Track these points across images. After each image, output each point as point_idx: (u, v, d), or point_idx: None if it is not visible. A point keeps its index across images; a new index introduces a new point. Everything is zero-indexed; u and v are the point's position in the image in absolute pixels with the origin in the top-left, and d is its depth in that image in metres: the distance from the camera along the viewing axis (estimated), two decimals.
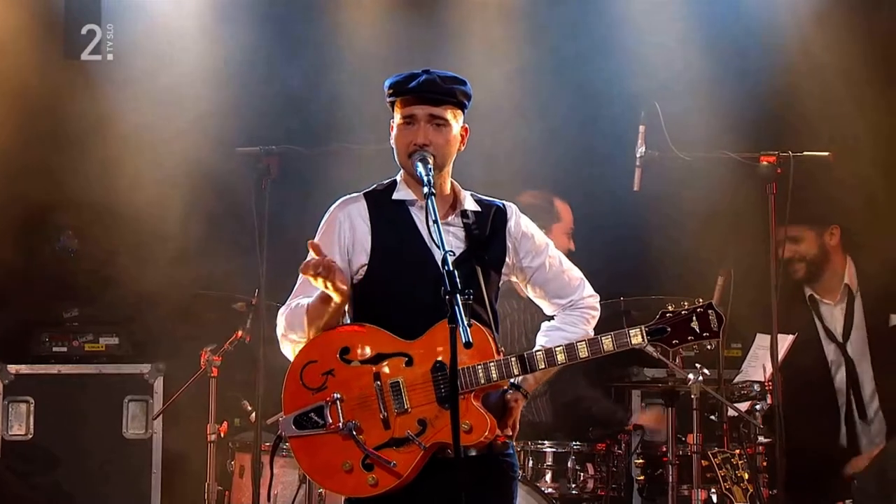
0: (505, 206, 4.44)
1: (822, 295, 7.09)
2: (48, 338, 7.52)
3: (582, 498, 6.56)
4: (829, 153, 6.32)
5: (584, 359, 4.21)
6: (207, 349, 6.58)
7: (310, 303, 4.23)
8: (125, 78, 7.62)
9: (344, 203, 4.38)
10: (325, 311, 4.19)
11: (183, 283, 7.40)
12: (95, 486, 7.30)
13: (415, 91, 4.24)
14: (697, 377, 6.10)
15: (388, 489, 4.11)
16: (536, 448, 6.54)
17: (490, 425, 4.13)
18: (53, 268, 7.66)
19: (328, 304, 4.17)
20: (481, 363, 4.13)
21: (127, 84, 7.61)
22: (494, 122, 7.19)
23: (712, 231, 7.38)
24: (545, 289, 4.46)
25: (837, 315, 7.05)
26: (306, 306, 4.24)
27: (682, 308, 4.26)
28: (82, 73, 7.71)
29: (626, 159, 6.52)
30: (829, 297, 7.07)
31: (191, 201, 7.57)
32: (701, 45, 7.56)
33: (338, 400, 4.17)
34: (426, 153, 4.20)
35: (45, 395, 7.36)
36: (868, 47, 7.49)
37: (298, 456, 4.24)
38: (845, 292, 7.04)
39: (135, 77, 7.61)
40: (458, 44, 7.70)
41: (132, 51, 7.66)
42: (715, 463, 5.97)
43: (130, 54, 7.66)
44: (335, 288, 4.11)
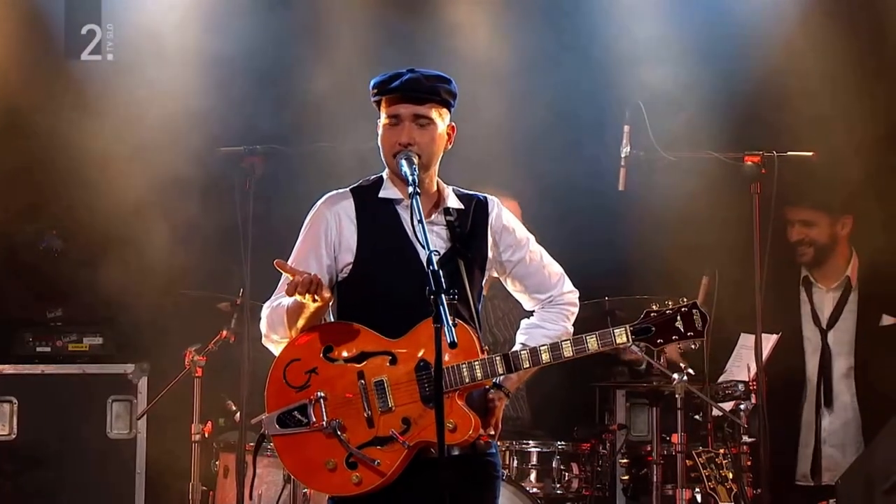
0: (486, 200, 4.45)
1: (819, 279, 7.13)
2: (32, 338, 7.50)
3: (567, 498, 6.56)
4: (812, 153, 6.33)
5: (568, 358, 4.21)
6: (192, 349, 6.56)
7: (289, 305, 4.22)
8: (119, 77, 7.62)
9: (331, 200, 4.38)
10: (304, 315, 4.19)
11: (167, 283, 7.39)
12: (79, 487, 7.27)
13: (398, 90, 4.24)
14: (682, 377, 6.11)
15: (371, 488, 4.10)
16: (521, 448, 6.54)
17: (474, 424, 4.13)
18: (37, 268, 7.63)
19: (306, 309, 4.17)
20: (465, 362, 4.13)
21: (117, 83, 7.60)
22: (476, 121, 7.19)
23: (697, 231, 7.39)
24: (525, 283, 4.47)
25: (828, 302, 7.10)
26: (286, 307, 4.23)
27: (667, 308, 4.27)
28: (74, 73, 7.71)
29: (611, 159, 6.52)
30: (825, 283, 7.11)
31: (175, 201, 7.55)
32: (686, 46, 7.56)
33: (321, 398, 4.16)
34: (411, 153, 4.20)
35: (28, 395, 7.33)
36: (851, 48, 7.51)
37: (282, 454, 4.23)
38: (844, 282, 7.08)
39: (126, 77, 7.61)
40: (442, 42, 7.70)
41: (132, 51, 7.65)
42: (699, 462, 5.98)
43: (130, 54, 7.65)
44: (321, 300, 4.11)
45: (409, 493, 4.13)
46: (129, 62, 7.66)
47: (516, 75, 7.78)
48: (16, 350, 7.48)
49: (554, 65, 7.79)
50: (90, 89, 7.61)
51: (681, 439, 6.18)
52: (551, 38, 7.74)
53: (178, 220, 7.52)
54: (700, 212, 7.41)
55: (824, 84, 7.47)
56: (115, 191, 7.56)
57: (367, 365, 4.18)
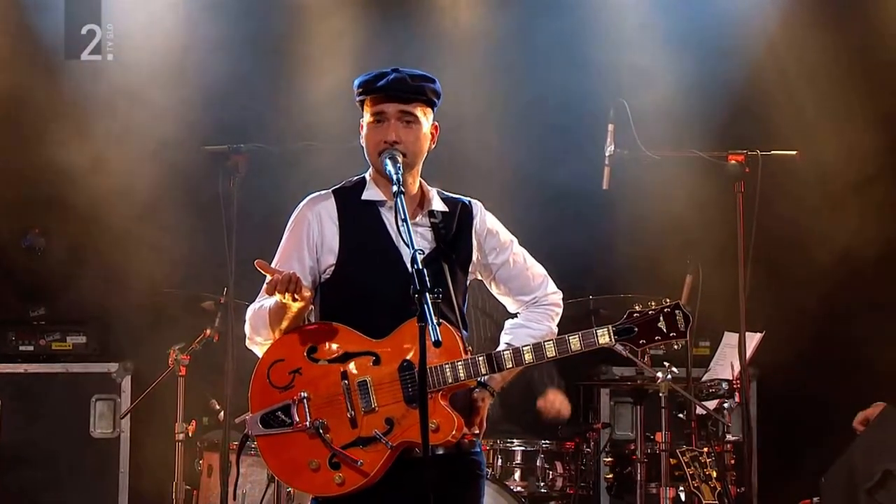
0: (470, 204, 4.44)
1: None
2: (15, 336, 7.49)
3: (551, 496, 6.57)
4: (796, 152, 6.35)
5: (551, 358, 4.20)
6: (175, 348, 6.55)
7: (271, 307, 4.22)
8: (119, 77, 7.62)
9: (312, 202, 4.36)
10: (286, 316, 4.18)
11: (151, 282, 7.38)
12: (62, 486, 7.27)
13: (384, 89, 4.22)
14: (666, 376, 6.13)
15: (354, 488, 4.09)
16: (505, 446, 6.55)
17: (457, 424, 4.12)
18: (20, 266, 7.61)
19: (287, 309, 4.16)
20: (449, 363, 4.12)
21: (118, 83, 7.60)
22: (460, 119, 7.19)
23: (681, 230, 7.41)
24: (509, 286, 4.46)
25: None
26: (268, 309, 4.23)
27: (650, 308, 4.25)
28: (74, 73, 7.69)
29: (595, 158, 6.52)
30: None
31: (159, 199, 7.55)
32: (670, 45, 7.58)
33: (305, 399, 4.15)
34: (396, 151, 4.19)
35: (11, 394, 7.32)
36: (836, 47, 7.54)
37: (265, 455, 4.22)
38: None
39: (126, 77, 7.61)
40: (426, 42, 7.70)
41: (132, 51, 7.64)
42: (683, 461, 5.99)
43: (130, 54, 7.64)
44: (301, 298, 4.11)
45: (393, 492, 4.12)
46: (129, 62, 7.64)
47: (500, 72, 7.79)
48: None
49: (538, 63, 7.80)
50: (90, 89, 7.60)
51: (665, 438, 6.19)
52: (535, 34, 7.75)
53: (162, 219, 7.52)
54: (684, 210, 7.44)
55: (808, 83, 7.50)
56: (99, 189, 7.55)
57: (350, 365, 4.17)
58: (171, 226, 7.50)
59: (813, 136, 7.30)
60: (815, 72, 7.50)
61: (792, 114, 7.43)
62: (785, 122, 7.39)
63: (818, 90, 7.48)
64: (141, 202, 7.59)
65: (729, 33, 7.64)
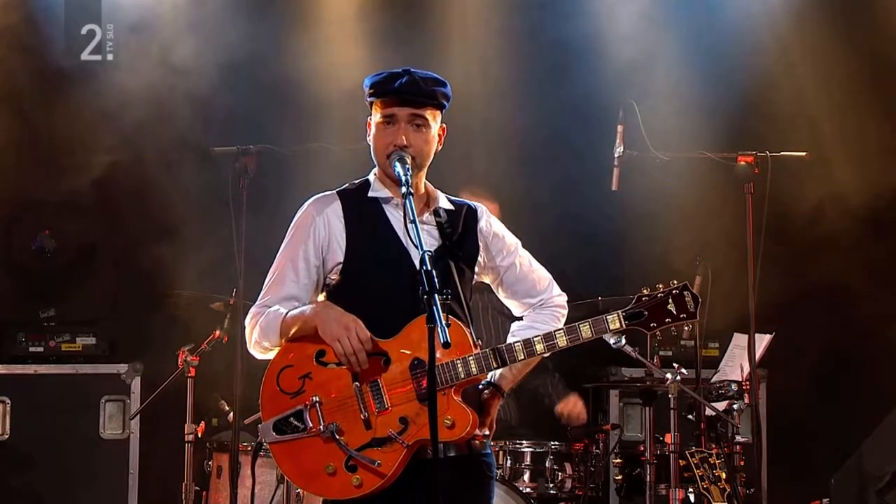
0: (475, 207, 4.44)
1: None
2: (25, 338, 7.49)
3: (560, 497, 6.56)
4: (806, 153, 6.34)
5: (562, 347, 4.17)
6: (185, 349, 6.55)
7: (289, 317, 4.19)
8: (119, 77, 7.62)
9: (318, 201, 4.35)
10: (305, 331, 4.18)
11: (160, 283, 7.38)
12: (72, 487, 7.28)
13: (397, 92, 4.22)
14: (675, 377, 6.12)
15: (373, 489, 4.07)
16: (514, 448, 6.54)
17: (472, 419, 4.10)
18: (30, 267, 7.61)
19: (313, 329, 4.16)
20: (460, 358, 4.11)
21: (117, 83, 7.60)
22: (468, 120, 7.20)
23: (690, 231, 7.41)
24: (515, 289, 4.45)
25: None
26: (283, 317, 4.20)
27: (658, 291, 4.23)
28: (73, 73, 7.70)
29: (604, 159, 6.52)
30: None
31: (168, 201, 7.55)
32: (679, 46, 7.58)
33: (317, 403, 4.13)
34: (405, 153, 4.18)
35: (21, 396, 7.33)
36: (845, 49, 7.53)
37: (280, 461, 4.20)
38: None
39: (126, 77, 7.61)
40: (435, 43, 7.70)
41: (132, 51, 7.64)
42: (692, 462, 5.98)
43: (130, 54, 7.64)
44: None
45: (405, 493, 4.11)
46: (129, 62, 7.64)
47: (509, 75, 7.79)
48: (8, 350, 7.47)
49: (548, 65, 7.80)
50: (90, 89, 7.60)
51: (674, 439, 6.17)
52: (546, 38, 7.75)
53: (170, 220, 7.52)
54: (693, 212, 7.43)
55: (818, 84, 7.49)
56: (108, 191, 7.56)
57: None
58: (180, 227, 7.50)
59: (822, 138, 7.30)
60: (825, 73, 7.49)
61: (802, 115, 7.42)
62: (795, 123, 7.38)
63: (828, 91, 7.47)
64: (149, 203, 7.59)
65: (739, 35, 7.64)
